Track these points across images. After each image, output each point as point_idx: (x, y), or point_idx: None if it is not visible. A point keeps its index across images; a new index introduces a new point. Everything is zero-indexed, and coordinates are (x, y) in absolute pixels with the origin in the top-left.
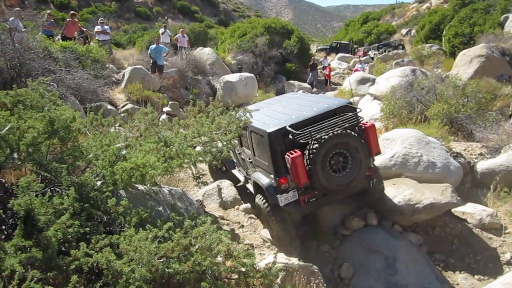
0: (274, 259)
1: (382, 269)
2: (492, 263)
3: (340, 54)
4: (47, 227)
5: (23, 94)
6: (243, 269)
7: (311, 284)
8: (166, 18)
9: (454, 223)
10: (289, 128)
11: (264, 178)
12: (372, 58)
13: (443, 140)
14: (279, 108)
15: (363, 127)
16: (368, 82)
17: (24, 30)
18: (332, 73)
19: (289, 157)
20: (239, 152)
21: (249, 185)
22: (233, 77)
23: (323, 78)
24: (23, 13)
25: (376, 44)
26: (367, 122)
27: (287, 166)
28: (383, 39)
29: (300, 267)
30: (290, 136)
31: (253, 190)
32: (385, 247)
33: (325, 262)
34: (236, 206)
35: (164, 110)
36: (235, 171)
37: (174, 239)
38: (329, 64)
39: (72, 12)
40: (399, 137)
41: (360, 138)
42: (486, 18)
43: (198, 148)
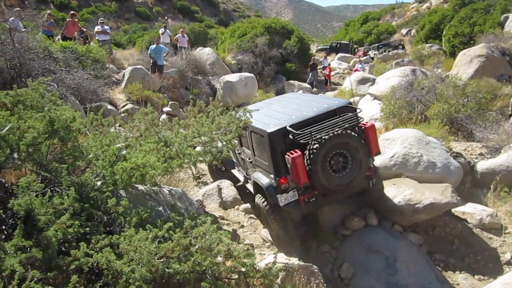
0: (274, 259)
1: (382, 269)
2: (492, 263)
3: (340, 54)
4: (47, 227)
5: (23, 94)
6: (243, 269)
7: (311, 284)
8: (166, 18)
9: (454, 223)
10: (290, 128)
11: (264, 178)
12: (372, 58)
13: (443, 140)
14: (279, 108)
15: (363, 128)
16: (368, 82)
17: (24, 30)
18: (332, 73)
19: (290, 157)
20: (239, 152)
21: (249, 185)
22: (233, 77)
23: (323, 78)
24: (23, 13)
25: (376, 44)
26: (367, 123)
27: (287, 166)
28: (383, 39)
29: (300, 267)
30: (291, 136)
31: (253, 190)
32: (385, 247)
33: (325, 262)
34: (236, 206)
35: (164, 110)
36: (235, 171)
37: (174, 239)
38: (329, 64)
39: (72, 12)
40: (399, 137)
41: (360, 139)
42: (486, 18)
43: (198, 148)
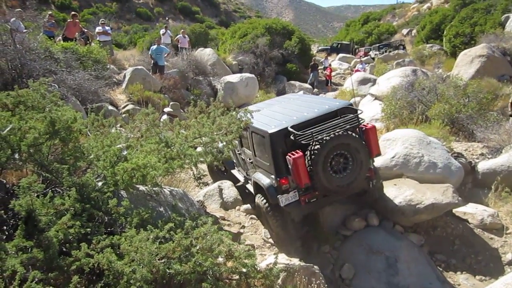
0: (275, 260)
1: (383, 270)
2: (494, 264)
3: (341, 55)
4: (48, 228)
5: (24, 95)
6: (244, 270)
7: (312, 285)
8: (167, 19)
9: (456, 224)
10: (291, 129)
11: (265, 179)
12: (373, 59)
13: (444, 140)
14: (280, 109)
15: (364, 129)
16: (369, 83)
17: (25, 31)
18: (333, 74)
19: (291, 158)
20: (239, 153)
21: (249, 186)
22: (234, 78)
23: (324, 79)
24: (24, 14)
25: (377, 45)
26: (368, 124)
27: (288, 167)
28: (384, 39)
29: (301, 268)
30: (292, 137)
31: (253, 190)
32: (386, 248)
33: (326, 263)
34: (237, 207)
35: (165, 111)
36: (235, 171)
37: (175, 240)
38: (330, 65)
39: (73, 13)
40: (400, 138)
41: (361, 140)
42: (487, 18)
43: (199, 149)
